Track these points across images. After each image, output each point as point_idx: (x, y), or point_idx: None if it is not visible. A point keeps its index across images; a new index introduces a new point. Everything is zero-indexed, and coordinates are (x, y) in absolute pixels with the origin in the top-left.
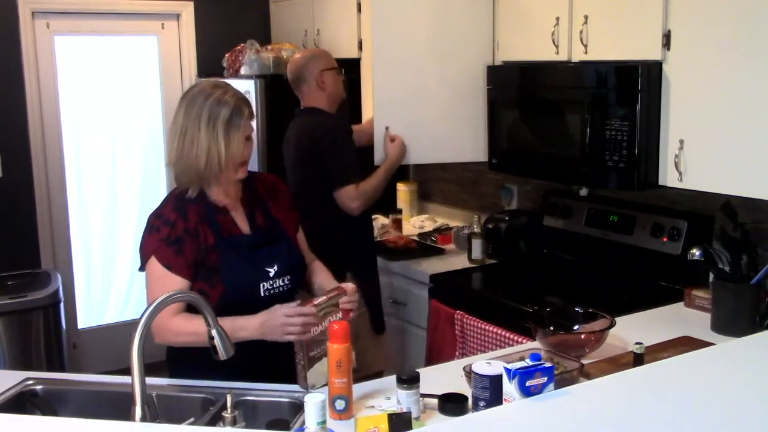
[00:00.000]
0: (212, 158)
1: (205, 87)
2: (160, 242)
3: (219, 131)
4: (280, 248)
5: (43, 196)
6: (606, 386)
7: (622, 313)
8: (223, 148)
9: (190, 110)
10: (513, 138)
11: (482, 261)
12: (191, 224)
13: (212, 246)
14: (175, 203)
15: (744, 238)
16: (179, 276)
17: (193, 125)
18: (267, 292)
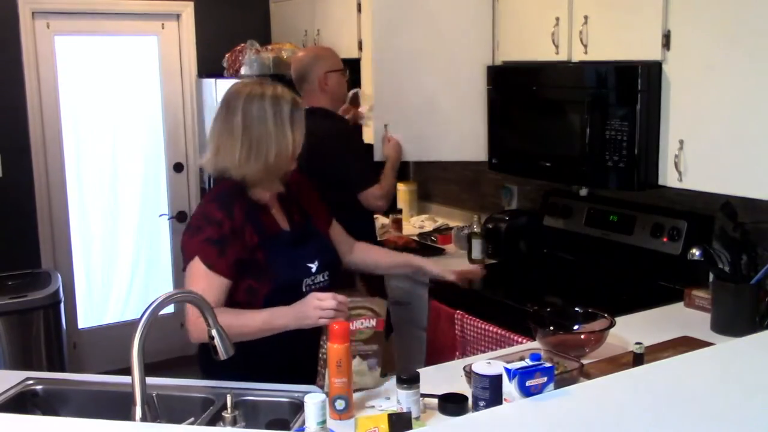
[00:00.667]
0: (282, 152)
1: (254, 87)
2: (203, 243)
3: (285, 125)
4: (317, 244)
5: (43, 196)
6: (606, 386)
7: (622, 313)
8: (290, 141)
9: (249, 111)
10: (513, 138)
11: (482, 261)
12: (237, 223)
13: (257, 245)
14: (220, 202)
15: (744, 238)
16: (220, 275)
17: (259, 125)
18: (308, 288)
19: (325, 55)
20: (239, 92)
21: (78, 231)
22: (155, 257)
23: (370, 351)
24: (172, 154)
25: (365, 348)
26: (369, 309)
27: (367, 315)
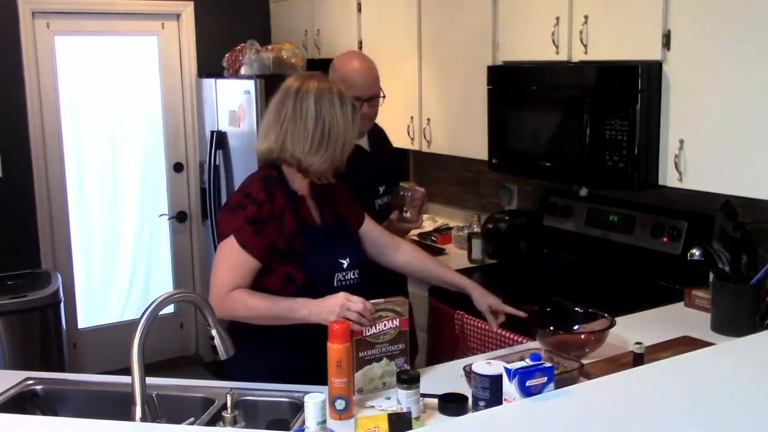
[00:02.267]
0: (347, 145)
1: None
2: (244, 221)
3: (351, 121)
4: (349, 242)
5: (43, 196)
6: (606, 386)
7: (622, 313)
8: (353, 136)
9: (322, 103)
10: (513, 138)
11: (482, 261)
12: (277, 207)
13: (296, 232)
14: (264, 184)
15: (744, 238)
16: (251, 256)
17: (331, 117)
18: (339, 283)
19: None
20: (307, 83)
21: (78, 231)
22: (155, 257)
23: (397, 350)
24: (172, 154)
25: (392, 348)
26: (391, 310)
27: (389, 316)
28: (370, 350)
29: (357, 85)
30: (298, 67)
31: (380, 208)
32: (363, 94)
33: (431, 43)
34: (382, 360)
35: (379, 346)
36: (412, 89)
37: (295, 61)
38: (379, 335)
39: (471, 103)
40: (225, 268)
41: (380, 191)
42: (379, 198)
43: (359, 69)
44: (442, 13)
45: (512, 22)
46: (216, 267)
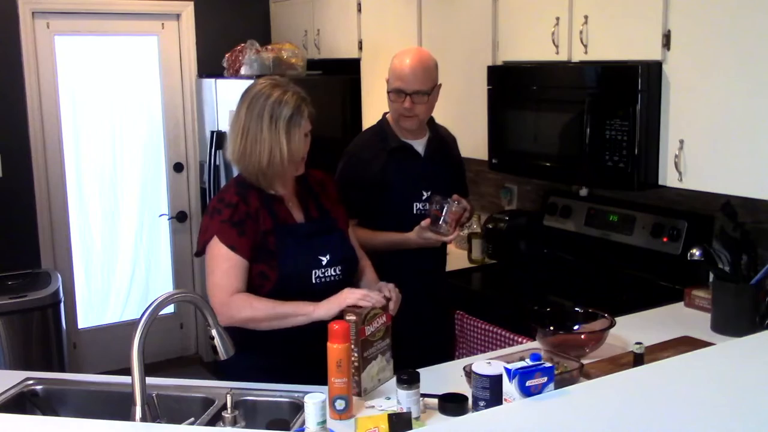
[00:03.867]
0: (275, 156)
1: (265, 87)
2: (222, 224)
3: (281, 130)
4: (332, 239)
5: (43, 196)
6: (606, 386)
7: (622, 313)
8: (285, 146)
9: (252, 110)
10: (513, 138)
11: (482, 261)
12: (252, 208)
13: (270, 230)
14: (237, 188)
15: (744, 238)
16: (242, 257)
17: (255, 125)
18: (318, 280)
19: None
20: (252, 89)
21: (78, 231)
22: (155, 257)
23: (385, 345)
24: (172, 154)
25: (382, 344)
26: (379, 309)
27: (380, 314)
28: (370, 349)
29: (399, 77)
30: (298, 67)
31: (419, 212)
32: (405, 87)
33: (431, 43)
34: (378, 357)
35: (375, 344)
36: None
37: (295, 61)
38: (375, 333)
39: (471, 103)
40: (219, 272)
41: (423, 196)
42: (421, 202)
43: (406, 61)
44: (442, 13)
45: (512, 22)
46: (210, 273)
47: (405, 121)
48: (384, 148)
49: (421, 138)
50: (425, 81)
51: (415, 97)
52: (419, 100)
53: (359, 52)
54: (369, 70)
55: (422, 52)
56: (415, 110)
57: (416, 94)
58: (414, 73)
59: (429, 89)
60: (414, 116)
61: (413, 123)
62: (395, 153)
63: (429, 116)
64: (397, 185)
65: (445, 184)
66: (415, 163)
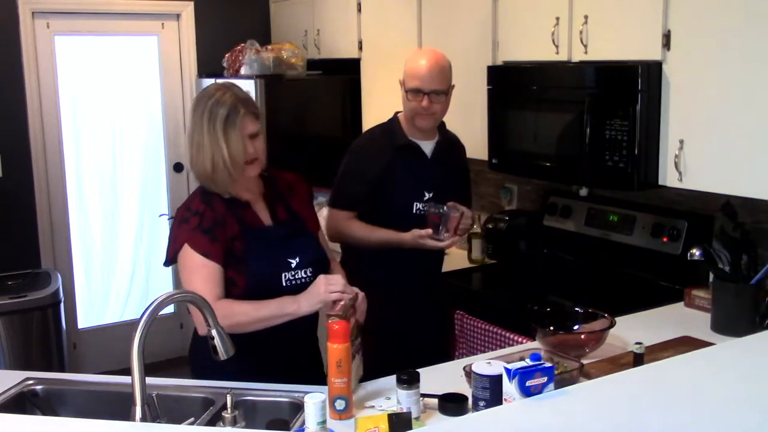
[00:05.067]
0: (217, 161)
1: (208, 89)
2: (192, 231)
3: (219, 132)
4: (302, 241)
5: (43, 196)
6: (606, 386)
7: (622, 313)
8: (224, 149)
9: (195, 115)
10: (513, 138)
11: (482, 261)
12: (219, 214)
13: (237, 235)
14: (202, 196)
15: (744, 238)
16: (217, 263)
17: (198, 130)
18: (288, 283)
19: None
20: (200, 92)
21: (78, 231)
22: (155, 257)
23: (359, 344)
24: (172, 154)
25: (357, 343)
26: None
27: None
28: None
29: (416, 76)
30: (298, 67)
31: (418, 212)
32: (422, 87)
33: (431, 43)
34: (355, 357)
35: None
36: None
37: (295, 61)
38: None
39: (471, 103)
40: (198, 280)
41: (425, 197)
42: (421, 203)
43: (422, 61)
44: (442, 13)
45: (512, 22)
46: (188, 283)
47: (421, 120)
48: (391, 145)
49: (430, 139)
50: (442, 81)
51: (433, 97)
52: (437, 99)
53: (359, 52)
54: (369, 70)
55: (438, 53)
56: (432, 109)
57: (434, 94)
58: (431, 72)
59: (446, 89)
60: (431, 115)
61: (430, 121)
62: (401, 151)
63: (443, 116)
64: (399, 182)
65: (448, 188)
66: (420, 163)
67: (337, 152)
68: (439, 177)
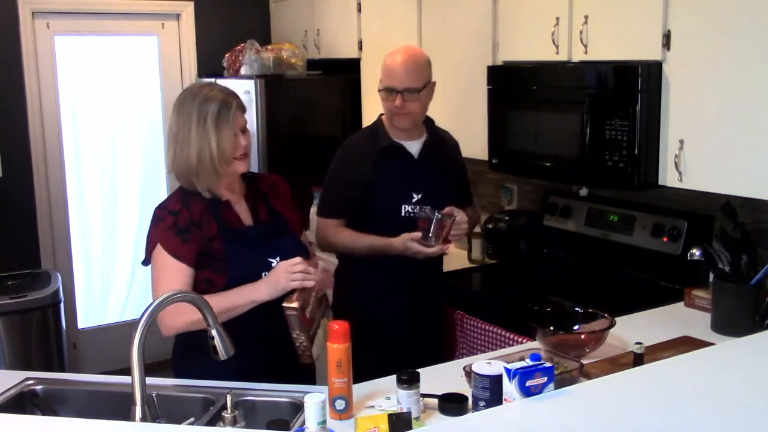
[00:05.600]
0: (203, 155)
1: (192, 88)
2: (165, 231)
3: (210, 127)
4: (283, 241)
5: (43, 196)
6: (606, 386)
7: (622, 313)
8: (214, 143)
9: (180, 113)
10: (513, 138)
11: (482, 261)
12: (196, 215)
13: (215, 235)
14: (181, 196)
15: (744, 238)
16: (187, 265)
17: (184, 127)
18: None
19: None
20: (182, 93)
21: (78, 231)
22: None
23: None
24: None
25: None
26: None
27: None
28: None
29: (388, 74)
30: (298, 67)
31: (407, 215)
32: (395, 85)
33: (431, 43)
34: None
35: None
36: None
37: (295, 61)
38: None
39: (471, 103)
40: (166, 281)
41: (414, 198)
42: (410, 204)
43: (396, 60)
44: (442, 14)
45: (512, 22)
46: (157, 283)
47: (398, 120)
48: (375, 147)
49: (416, 139)
50: (416, 78)
51: (406, 95)
52: (410, 97)
53: (359, 52)
54: (369, 70)
55: (413, 50)
56: (406, 108)
57: (407, 92)
58: (404, 70)
59: (420, 86)
60: (406, 114)
61: (406, 121)
62: (386, 152)
63: (423, 115)
64: (385, 185)
65: (439, 188)
66: (406, 164)
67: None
68: (428, 177)
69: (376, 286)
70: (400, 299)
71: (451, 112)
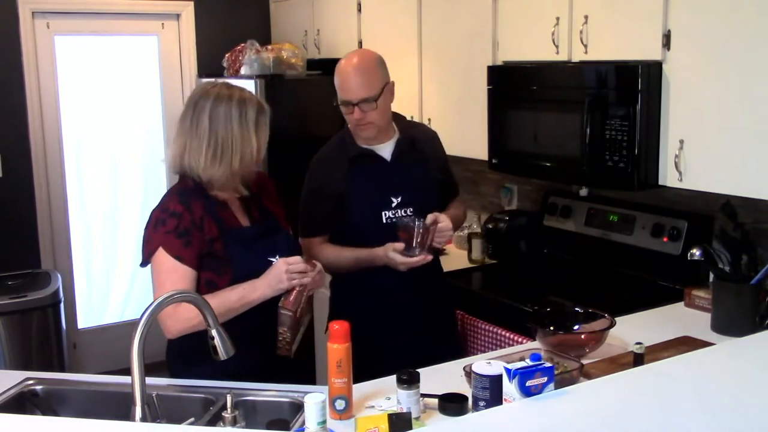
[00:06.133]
0: (246, 156)
1: (220, 89)
2: (167, 234)
3: (250, 130)
4: (278, 239)
5: (43, 196)
6: (606, 386)
7: (622, 313)
8: (254, 145)
9: (216, 113)
10: (513, 138)
11: (482, 261)
12: (197, 216)
13: (216, 237)
14: (180, 197)
15: (744, 238)
16: (189, 267)
17: (225, 128)
18: None
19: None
20: (207, 93)
21: (78, 231)
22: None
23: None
24: None
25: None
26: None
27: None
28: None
29: (342, 87)
30: (298, 67)
31: (389, 220)
32: (350, 98)
33: (431, 43)
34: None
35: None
36: (412, 89)
37: (295, 61)
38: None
39: (471, 103)
40: (169, 284)
41: (393, 203)
42: (390, 210)
43: (345, 71)
44: (442, 13)
45: (512, 22)
46: (159, 286)
47: (361, 131)
48: (344, 158)
49: (386, 141)
50: (370, 86)
51: (363, 105)
52: (368, 107)
53: None
54: None
55: (362, 55)
56: (367, 118)
57: (363, 103)
58: (355, 81)
59: (376, 94)
60: (368, 124)
61: (371, 131)
62: (356, 161)
63: (387, 118)
64: (360, 195)
65: (418, 187)
66: (379, 169)
67: None
68: (406, 177)
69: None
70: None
71: (451, 112)
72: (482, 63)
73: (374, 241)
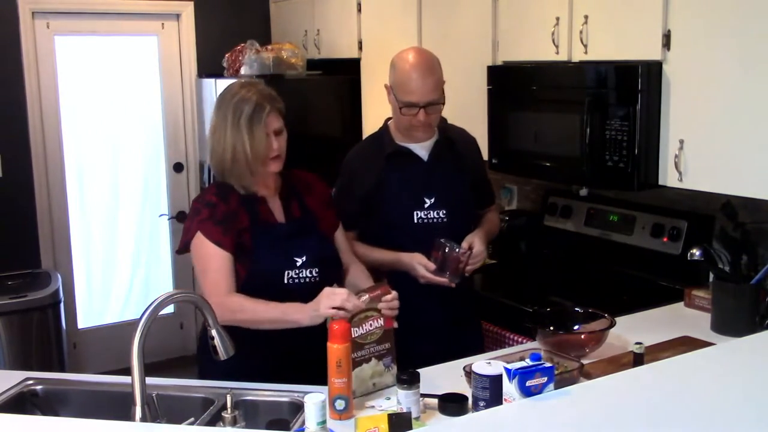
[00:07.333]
0: (238, 154)
1: (233, 87)
2: (204, 222)
3: (243, 127)
4: (311, 240)
5: (43, 196)
6: (606, 386)
7: (622, 313)
8: (247, 143)
9: (219, 110)
10: (513, 138)
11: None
12: (231, 207)
13: (246, 228)
14: (217, 189)
15: (744, 238)
16: (229, 252)
17: (221, 124)
18: (291, 281)
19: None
20: (223, 91)
21: (78, 231)
22: (155, 257)
23: (383, 350)
24: (172, 154)
25: (379, 348)
26: (375, 309)
27: (374, 316)
28: (359, 351)
29: (410, 90)
30: (298, 67)
31: (420, 221)
32: (418, 100)
33: (431, 43)
34: (371, 360)
35: (367, 347)
36: None
37: (295, 61)
38: (367, 336)
39: (471, 103)
40: (212, 271)
41: (426, 203)
42: (423, 210)
43: (415, 72)
44: (442, 13)
45: (512, 22)
46: (203, 273)
47: (419, 132)
48: (381, 155)
49: (425, 141)
50: (437, 88)
51: (429, 108)
52: (434, 110)
53: (359, 52)
54: (369, 70)
55: (425, 56)
56: (429, 120)
57: (430, 105)
58: (425, 83)
59: (441, 96)
60: (428, 125)
61: (429, 132)
62: (393, 159)
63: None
64: (394, 193)
65: (452, 190)
66: (415, 168)
67: (337, 152)
68: (440, 179)
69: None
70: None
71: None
72: (482, 63)
73: (405, 241)
